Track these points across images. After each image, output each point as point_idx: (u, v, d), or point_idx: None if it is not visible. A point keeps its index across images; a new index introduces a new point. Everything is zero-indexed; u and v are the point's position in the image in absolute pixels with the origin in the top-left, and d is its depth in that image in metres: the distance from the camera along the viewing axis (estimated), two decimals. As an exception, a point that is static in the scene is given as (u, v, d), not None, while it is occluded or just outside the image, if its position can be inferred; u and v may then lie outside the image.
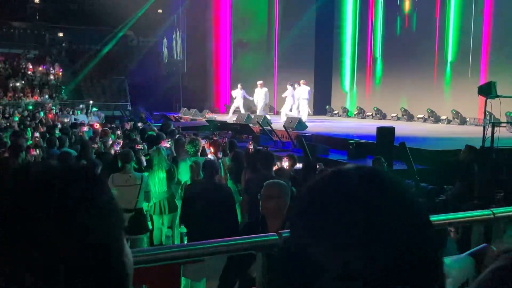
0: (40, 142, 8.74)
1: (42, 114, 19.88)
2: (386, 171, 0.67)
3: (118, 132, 11.63)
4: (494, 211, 2.38)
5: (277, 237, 1.94)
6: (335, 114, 22.48)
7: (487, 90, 9.85)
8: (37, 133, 10.03)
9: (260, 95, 17.66)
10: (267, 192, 3.35)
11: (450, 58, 17.84)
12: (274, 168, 5.95)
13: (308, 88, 16.87)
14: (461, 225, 2.77)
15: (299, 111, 16.77)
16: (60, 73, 32.39)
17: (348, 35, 23.01)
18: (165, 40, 33.42)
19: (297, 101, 16.91)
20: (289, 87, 17.19)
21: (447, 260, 1.55)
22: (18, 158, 6.15)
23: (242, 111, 18.79)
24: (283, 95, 17.49)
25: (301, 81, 16.98)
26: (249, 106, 19.69)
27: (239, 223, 5.23)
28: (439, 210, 6.54)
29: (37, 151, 7.28)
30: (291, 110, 17.05)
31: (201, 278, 4.20)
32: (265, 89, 17.69)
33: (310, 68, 23.99)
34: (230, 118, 18.10)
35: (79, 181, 0.62)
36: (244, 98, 18.99)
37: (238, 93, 18.96)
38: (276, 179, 3.74)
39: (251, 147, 7.81)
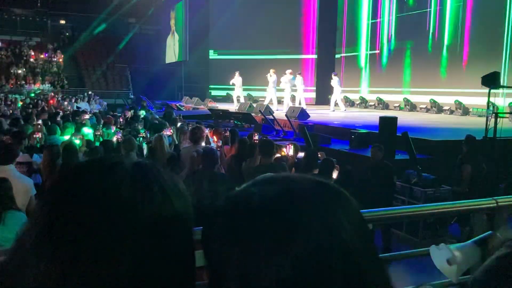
0: (43, 129, 8.74)
1: (44, 101, 19.89)
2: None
3: (121, 120, 11.64)
4: (497, 200, 2.37)
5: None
6: (337, 103, 22.41)
7: (491, 81, 9.80)
8: (40, 120, 10.03)
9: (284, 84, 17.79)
10: None
11: (453, 48, 17.71)
12: (275, 156, 5.96)
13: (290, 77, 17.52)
14: (464, 213, 2.77)
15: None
16: (61, 60, 32.32)
17: (352, 22, 22.89)
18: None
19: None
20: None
21: (452, 247, 1.55)
22: (21, 145, 6.15)
23: (242, 99, 18.79)
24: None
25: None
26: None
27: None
28: (443, 199, 6.57)
29: (40, 134, 7.30)
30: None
31: (203, 265, 4.21)
32: (290, 76, 17.71)
33: (313, 57, 23.93)
34: (235, 107, 18.13)
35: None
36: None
37: (236, 81, 18.98)
38: (268, 174, 3.68)
39: (256, 137, 7.75)
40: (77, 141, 6.80)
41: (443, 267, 1.52)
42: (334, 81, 17.35)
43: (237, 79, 19.02)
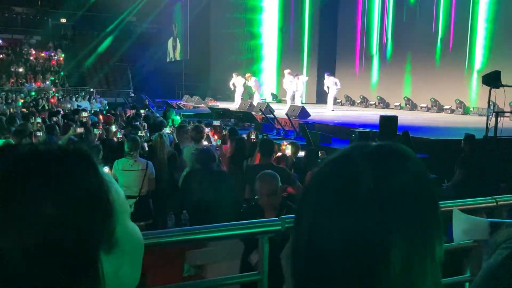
0: (43, 128, 8.75)
1: (44, 100, 19.90)
2: (400, 146, 0.67)
3: (121, 118, 11.65)
4: (496, 199, 2.38)
5: (280, 221, 1.95)
6: (338, 102, 22.42)
7: (492, 80, 9.80)
8: (39, 118, 10.05)
9: (286, 84, 17.77)
10: (266, 190, 3.37)
11: (454, 46, 17.70)
12: (275, 155, 5.96)
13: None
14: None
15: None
16: (62, 59, 32.31)
17: (352, 23, 22.86)
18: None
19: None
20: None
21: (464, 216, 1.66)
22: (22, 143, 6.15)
23: (238, 99, 18.87)
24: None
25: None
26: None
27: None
28: (443, 198, 6.56)
29: (41, 134, 7.31)
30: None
31: (203, 264, 4.22)
32: (290, 77, 17.65)
33: (314, 56, 23.93)
34: (238, 106, 18.14)
35: (66, 160, 0.60)
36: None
37: (236, 81, 19.06)
38: (269, 172, 3.69)
39: (253, 136, 7.76)
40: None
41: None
42: (330, 80, 17.35)
43: (235, 79, 19.13)
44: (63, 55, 32.48)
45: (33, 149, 0.61)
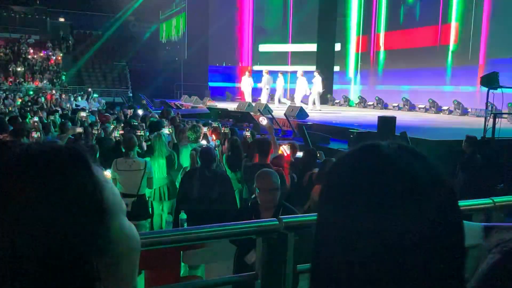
0: (40, 127, 8.74)
1: (43, 99, 19.87)
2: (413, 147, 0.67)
3: (119, 118, 11.62)
4: (494, 200, 2.38)
5: (277, 222, 1.94)
6: (336, 103, 22.43)
7: (490, 81, 9.80)
8: (37, 117, 10.03)
9: (300, 84, 17.68)
10: (267, 185, 3.36)
11: (452, 47, 17.71)
12: (275, 155, 5.95)
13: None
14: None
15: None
16: (60, 58, 32.27)
17: (351, 24, 22.88)
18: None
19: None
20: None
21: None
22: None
23: (249, 99, 18.92)
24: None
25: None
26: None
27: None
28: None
29: (38, 134, 7.30)
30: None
31: (200, 264, 4.21)
32: (304, 78, 17.55)
33: (313, 56, 23.92)
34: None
35: (59, 160, 0.59)
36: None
37: (246, 81, 19.25)
38: (268, 169, 3.70)
39: (248, 133, 7.76)
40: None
41: None
42: (317, 79, 17.20)
43: (245, 80, 19.40)
44: (61, 55, 32.43)
45: (25, 148, 0.59)
